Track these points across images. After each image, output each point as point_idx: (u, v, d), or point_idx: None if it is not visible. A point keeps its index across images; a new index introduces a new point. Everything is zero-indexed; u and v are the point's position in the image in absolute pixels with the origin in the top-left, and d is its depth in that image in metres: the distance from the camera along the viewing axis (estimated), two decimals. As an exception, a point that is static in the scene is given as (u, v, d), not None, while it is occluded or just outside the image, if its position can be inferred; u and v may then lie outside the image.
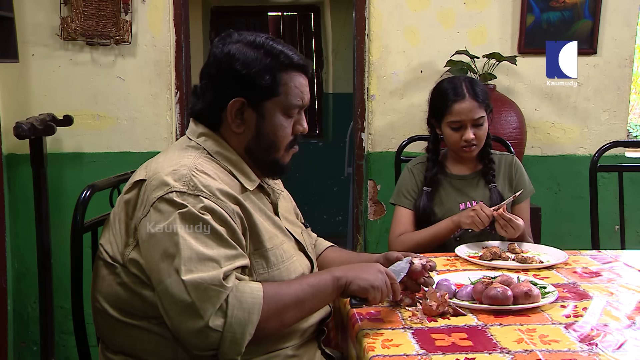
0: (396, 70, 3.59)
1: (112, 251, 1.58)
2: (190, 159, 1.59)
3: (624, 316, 1.70)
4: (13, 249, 3.47)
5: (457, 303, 1.73)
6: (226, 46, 1.66)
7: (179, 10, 3.53)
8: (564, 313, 1.72)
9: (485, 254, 2.19)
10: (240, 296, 1.45)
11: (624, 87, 3.68)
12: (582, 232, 2.84)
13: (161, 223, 1.48)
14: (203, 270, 1.44)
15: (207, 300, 1.42)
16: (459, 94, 2.47)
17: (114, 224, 1.61)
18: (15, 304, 3.54)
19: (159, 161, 1.61)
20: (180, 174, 1.52)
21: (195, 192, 1.50)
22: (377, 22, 3.57)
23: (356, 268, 1.65)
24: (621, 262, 2.21)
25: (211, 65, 1.68)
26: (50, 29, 3.41)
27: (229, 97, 1.64)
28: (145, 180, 1.56)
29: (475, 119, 2.46)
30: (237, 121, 1.66)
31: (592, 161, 2.77)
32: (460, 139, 2.47)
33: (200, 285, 1.42)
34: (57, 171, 3.45)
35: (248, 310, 1.45)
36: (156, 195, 1.50)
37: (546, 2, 3.56)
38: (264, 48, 1.65)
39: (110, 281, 1.59)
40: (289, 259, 1.68)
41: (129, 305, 1.57)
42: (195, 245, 1.46)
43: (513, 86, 3.62)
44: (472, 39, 3.57)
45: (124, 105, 3.51)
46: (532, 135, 3.60)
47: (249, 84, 1.63)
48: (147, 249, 1.50)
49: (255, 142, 1.68)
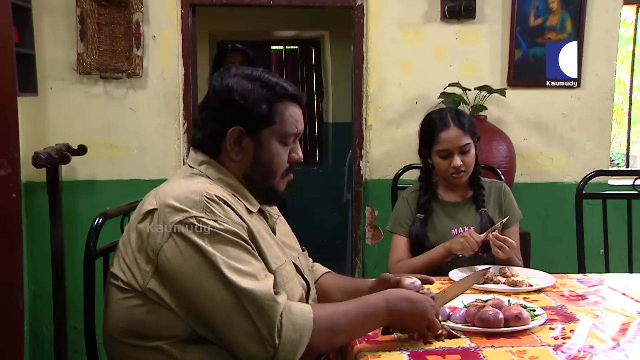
0: (392, 101, 3.61)
1: (127, 278, 1.55)
2: (198, 184, 1.58)
3: (609, 338, 1.69)
4: (29, 271, 3.46)
5: (451, 326, 1.73)
6: (225, 79, 1.67)
7: (187, 45, 3.56)
8: (553, 335, 1.71)
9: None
10: (292, 318, 1.47)
11: (606, 118, 3.71)
12: (569, 256, 2.83)
13: (190, 246, 1.47)
14: (250, 284, 1.45)
15: (263, 313, 1.44)
16: (445, 124, 2.48)
17: (125, 252, 1.58)
18: (31, 324, 3.53)
19: (167, 189, 1.59)
20: (194, 201, 1.51)
21: (213, 217, 1.50)
22: (374, 56, 3.60)
23: (409, 311, 1.60)
24: (606, 285, 2.20)
25: (211, 98, 1.70)
26: (68, 64, 3.44)
27: (228, 126, 1.64)
28: (157, 209, 1.54)
29: (461, 146, 2.47)
30: (236, 149, 1.66)
31: (578, 189, 2.78)
32: (449, 167, 2.48)
33: (253, 297, 1.44)
34: (71, 198, 3.46)
35: (300, 332, 1.47)
36: (174, 221, 1.49)
37: (533, 38, 3.60)
38: (260, 80, 1.67)
39: (124, 305, 1.56)
40: (291, 280, 1.68)
41: (142, 327, 1.54)
42: (231, 262, 1.47)
43: (503, 117, 3.64)
44: (464, 72, 3.60)
45: (135, 135, 3.53)
46: (521, 164, 3.61)
47: (247, 113, 1.64)
48: (177, 272, 1.48)
49: (253, 169, 1.68)
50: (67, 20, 3.41)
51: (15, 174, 2.47)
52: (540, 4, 3.58)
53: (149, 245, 1.52)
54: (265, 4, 3.60)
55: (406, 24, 3.59)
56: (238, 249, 1.50)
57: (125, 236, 1.62)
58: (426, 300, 1.65)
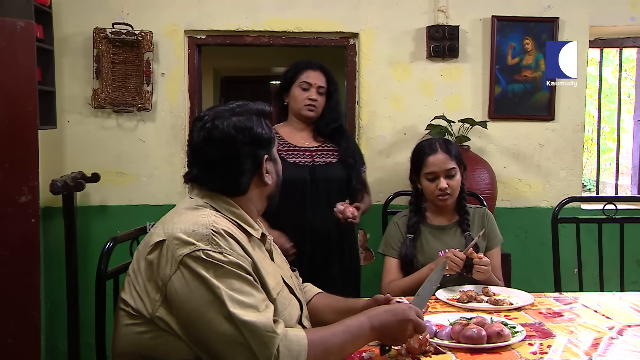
0: (383, 132, 3.63)
1: (136, 305, 1.53)
2: (205, 217, 1.55)
3: (582, 353, 1.70)
4: (46, 290, 3.45)
5: (438, 342, 1.73)
6: (214, 130, 1.62)
7: (192, 81, 3.59)
8: (531, 350, 1.72)
9: (462, 297, 2.19)
10: (289, 345, 1.45)
11: (578, 148, 3.74)
12: (547, 275, 2.84)
13: (196, 279, 1.45)
14: (251, 316, 1.43)
15: (263, 345, 1.42)
16: (433, 149, 2.53)
17: (135, 280, 1.55)
18: (47, 340, 3.51)
19: (175, 221, 1.57)
20: (202, 234, 1.49)
21: (219, 250, 1.48)
22: (366, 91, 3.63)
23: (391, 319, 1.59)
24: (579, 303, 2.21)
25: (214, 149, 1.63)
26: (84, 99, 3.47)
27: (256, 161, 1.65)
28: (165, 240, 1.51)
29: (447, 170, 2.50)
30: (268, 175, 1.68)
31: (554, 214, 2.80)
32: (436, 189, 2.51)
33: (254, 329, 1.42)
34: (85, 222, 3.46)
35: (296, 357, 1.45)
36: (182, 253, 1.47)
37: (511, 75, 3.64)
38: (244, 109, 1.67)
39: (133, 330, 1.54)
40: (289, 304, 1.66)
41: (150, 352, 1.52)
42: (234, 295, 1.45)
43: (485, 147, 3.66)
44: (449, 106, 3.63)
45: (144, 163, 3.54)
46: (502, 190, 3.63)
47: (259, 141, 1.65)
48: (184, 302, 1.46)
49: (276, 186, 1.72)
50: (85, 60, 3.44)
51: (35, 201, 2.49)
52: (516, 45, 3.63)
53: (159, 276, 1.50)
54: (265, 43, 3.63)
55: (395, 61, 3.62)
56: (241, 281, 1.48)
57: (135, 264, 1.59)
58: (403, 305, 1.66)
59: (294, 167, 2.77)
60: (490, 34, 3.61)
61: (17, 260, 2.45)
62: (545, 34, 3.63)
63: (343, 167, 2.84)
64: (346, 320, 1.60)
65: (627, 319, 2.02)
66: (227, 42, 3.65)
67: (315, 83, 2.83)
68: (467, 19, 3.63)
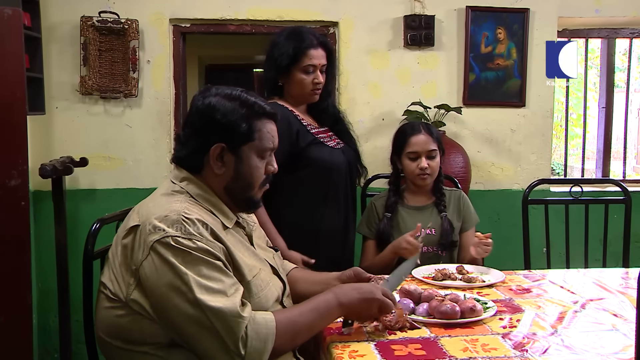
0: (362, 118, 3.62)
1: (114, 288, 1.52)
2: (177, 203, 1.54)
3: (549, 326, 1.73)
4: (37, 270, 3.43)
5: (413, 318, 1.74)
6: (206, 99, 1.62)
7: (177, 68, 3.56)
8: (502, 325, 1.74)
9: (437, 275, 2.20)
10: (257, 328, 1.45)
11: (547, 134, 3.77)
12: (517, 254, 2.87)
13: (165, 265, 1.44)
14: (218, 301, 1.42)
15: (229, 329, 1.42)
16: (416, 130, 2.55)
17: (113, 264, 1.55)
18: (39, 318, 3.49)
19: (149, 206, 1.56)
20: (172, 220, 1.48)
21: (188, 236, 1.46)
22: (345, 78, 3.62)
23: (358, 297, 1.61)
24: (547, 280, 2.24)
25: (194, 116, 1.64)
26: (71, 86, 3.42)
27: (211, 143, 1.60)
28: (140, 225, 1.51)
29: (429, 151, 2.51)
30: (218, 164, 1.61)
31: (524, 195, 2.83)
32: (417, 168, 2.51)
33: (220, 314, 1.41)
34: (74, 205, 3.43)
35: (264, 340, 1.45)
36: (152, 239, 1.45)
37: (484, 63, 3.65)
38: (239, 100, 1.63)
39: (111, 313, 1.53)
40: (266, 286, 1.64)
41: (128, 334, 1.52)
42: (201, 281, 1.43)
43: (459, 132, 3.68)
44: (425, 93, 3.63)
45: (131, 148, 3.51)
46: (475, 173, 3.64)
47: (229, 131, 1.60)
48: (154, 287, 1.45)
49: (234, 182, 1.64)
50: (72, 47, 3.39)
51: (24, 184, 2.46)
52: (489, 34, 3.64)
53: (132, 261, 1.49)
54: (247, 32, 3.60)
55: (373, 50, 3.61)
56: (210, 267, 1.46)
57: (113, 248, 1.58)
58: (371, 284, 1.67)
59: (331, 151, 2.54)
60: (465, 23, 3.61)
61: (8, 242, 2.42)
62: (516, 24, 3.63)
63: (352, 151, 2.68)
64: (313, 299, 1.61)
65: (590, 293, 2.05)
66: (211, 31, 3.61)
67: (319, 63, 2.51)
68: (443, 8, 3.62)
